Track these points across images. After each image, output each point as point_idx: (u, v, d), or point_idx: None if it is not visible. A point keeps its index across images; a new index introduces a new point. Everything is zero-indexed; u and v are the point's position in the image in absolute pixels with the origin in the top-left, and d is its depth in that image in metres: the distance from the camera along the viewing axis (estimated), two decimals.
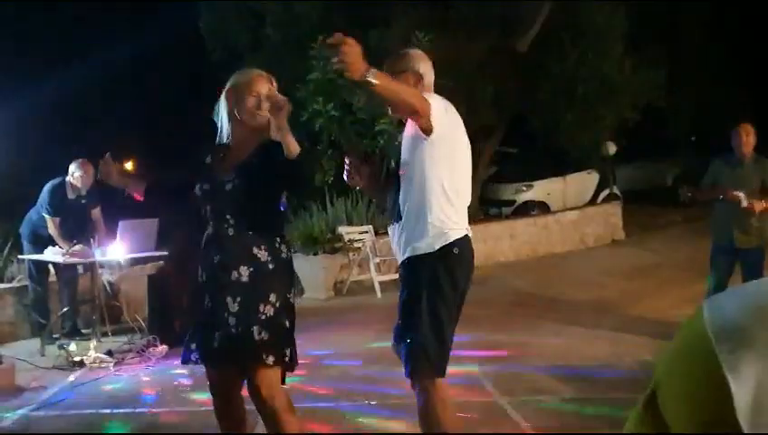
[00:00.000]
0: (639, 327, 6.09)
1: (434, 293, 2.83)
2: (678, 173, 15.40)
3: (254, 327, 2.73)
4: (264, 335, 2.74)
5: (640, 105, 12.60)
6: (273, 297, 2.78)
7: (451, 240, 2.86)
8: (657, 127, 15.25)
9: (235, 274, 2.78)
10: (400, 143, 3.07)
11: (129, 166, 23.44)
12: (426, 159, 2.84)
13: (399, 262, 3.06)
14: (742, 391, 0.62)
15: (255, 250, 2.80)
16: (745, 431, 0.62)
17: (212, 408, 3.07)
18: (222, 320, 2.78)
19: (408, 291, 2.96)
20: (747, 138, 5.50)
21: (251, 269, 2.78)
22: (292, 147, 2.67)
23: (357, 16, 11.09)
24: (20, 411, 4.58)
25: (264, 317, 2.75)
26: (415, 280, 2.90)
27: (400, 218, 2.94)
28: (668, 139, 16.25)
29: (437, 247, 2.85)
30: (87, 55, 15.51)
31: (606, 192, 13.56)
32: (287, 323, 2.84)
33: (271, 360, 2.74)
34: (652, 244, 11.30)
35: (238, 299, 2.77)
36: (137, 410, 4.58)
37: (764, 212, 5.35)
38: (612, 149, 13.16)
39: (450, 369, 5.17)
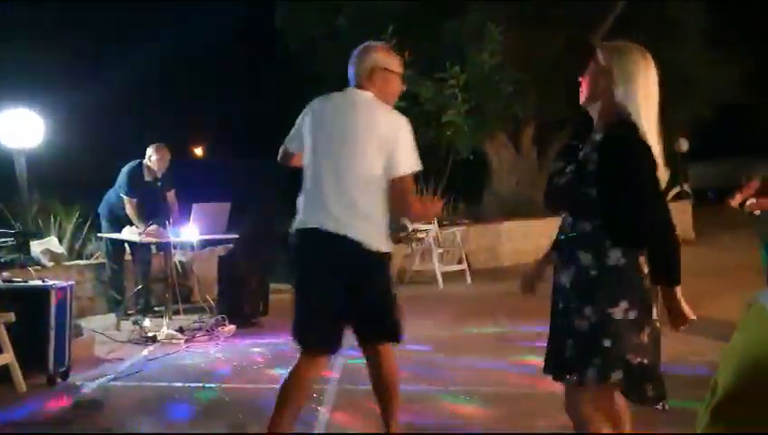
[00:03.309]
0: (707, 328, 5.92)
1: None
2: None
3: (569, 341, 2.47)
4: (573, 352, 2.44)
5: (717, 103, 12.27)
6: (588, 310, 2.41)
7: None
8: (737, 125, 14.80)
9: (563, 278, 2.55)
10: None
11: (199, 151, 24.05)
12: None
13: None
14: None
15: (580, 253, 2.48)
16: None
17: (276, 386, 3.18)
18: (554, 325, 2.60)
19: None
20: None
21: (573, 274, 2.50)
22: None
23: (431, 8, 11.14)
24: (99, 381, 4.84)
25: (577, 332, 2.44)
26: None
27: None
28: (750, 137, 15.77)
29: None
30: (160, 41, 15.93)
31: (676, 190, 13.28)
32: (606, 343, 2.36)
33: (574, 378, 2.44)
34: (723, 244, 11.03)
35: (560, 306, 2.56)
36: (206, 385, 4.77)
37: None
38: (684, 146, 12.89)
39: (519, 359, 5.24)
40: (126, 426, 4.04)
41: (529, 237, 11.25)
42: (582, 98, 2.69)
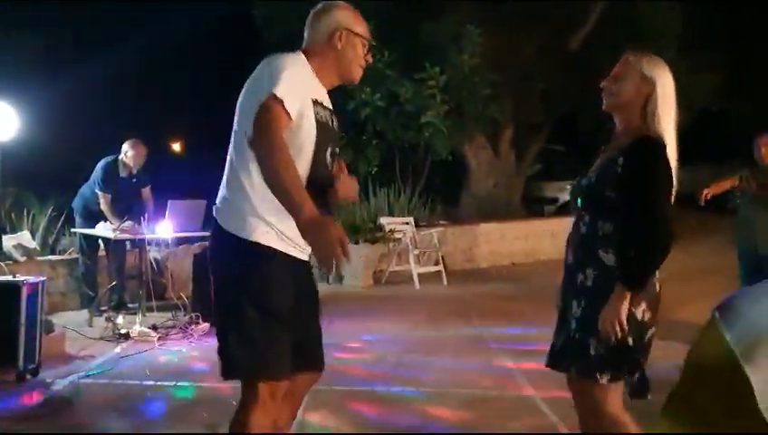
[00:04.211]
0: (677, 332, 5.98)
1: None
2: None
3: (591, 339, 2.48)
4: (600, 350, 2.46)
5: (695, 109, 12.40)
6: None
7: None
8: (715, 131, 14.96)
9: (581, 276, 2.57)
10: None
11: (177, 146, 23.87)
12: None
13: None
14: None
15: (602, 253, 2.52)
16: None
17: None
18: (567, 321, 2.60)
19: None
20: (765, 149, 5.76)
21: (596, 273, 2.52)
22: None
23: (409, 9, 11.14)
24: (70, 378, 4.79)
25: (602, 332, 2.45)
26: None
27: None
28: (728, 143, 15.96)
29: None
30: (139, 36, 15.81)
31: None
32: (630, 341, 2.43)
33: (605, 379, 2.47)
34: (698, 249, 11.14)
35: (582, 304, 2.54)
36: (179, 384, 4.75)
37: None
38: None
39: (492, 361, 5.26)
40: (97, 424, 4.00)
41: (506, 239, 11.31)
42: (612, 102, 2.68)
